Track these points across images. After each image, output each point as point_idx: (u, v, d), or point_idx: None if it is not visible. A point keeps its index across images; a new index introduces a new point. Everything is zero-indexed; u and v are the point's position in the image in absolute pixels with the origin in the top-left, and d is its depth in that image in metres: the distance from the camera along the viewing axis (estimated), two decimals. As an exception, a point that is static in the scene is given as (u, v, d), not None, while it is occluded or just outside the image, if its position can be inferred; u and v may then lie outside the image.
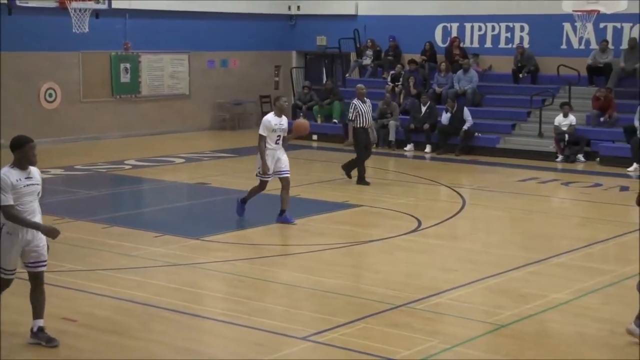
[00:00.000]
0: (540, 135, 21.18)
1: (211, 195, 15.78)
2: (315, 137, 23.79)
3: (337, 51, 26.39)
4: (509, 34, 24.24)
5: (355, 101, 16.44)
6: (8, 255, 7.44)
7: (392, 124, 22.38)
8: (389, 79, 24.37)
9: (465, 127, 21.30)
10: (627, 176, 18.33)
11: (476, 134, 21.61)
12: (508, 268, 10.54)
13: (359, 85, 17.17)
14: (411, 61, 24.06)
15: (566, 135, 20.21)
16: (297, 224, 12.55)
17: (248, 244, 11.87)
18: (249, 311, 8.72)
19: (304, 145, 22.06)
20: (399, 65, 24.28)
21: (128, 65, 24.01)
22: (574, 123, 20.34)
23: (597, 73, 22.19)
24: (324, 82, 26.45)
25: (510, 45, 24.01)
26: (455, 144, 21.38)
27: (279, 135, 12.72)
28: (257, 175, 12.88)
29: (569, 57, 22.46)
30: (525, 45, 23.58)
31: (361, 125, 16.37)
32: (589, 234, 12.72)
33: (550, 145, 20.55)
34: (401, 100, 23.52)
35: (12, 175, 7.38)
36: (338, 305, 9.02)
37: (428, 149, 21.79)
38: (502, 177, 18.03)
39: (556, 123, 20.45)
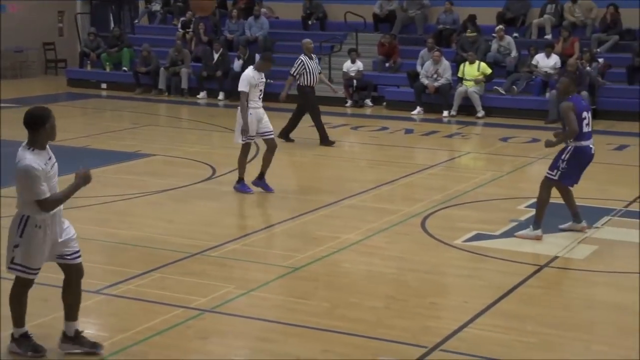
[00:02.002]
0: (330, 81, 21.53)
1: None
2: (104, 85, 23.14)
3: (125, -3, 25.70)
4: (297, -19, 24.39)
5: (302, 57, 15.46)
6: (39, 253, 6.13)
7: (184, 71, 22.11)
8: (179, 25, 23.98)
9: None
10: (412, 119, 19.08)
11: (269, 80, 21.67)
12: (302, 212, 10.72)
13: (306, 39, 15.91)
14: (201, 7, 23.74)
15: (354, 81, 20.73)
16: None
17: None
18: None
19: (92, 95, 21.37)
20: (189, 12, 23.93)
21: None
22: (361, 69, 20.87)
23: (382, 20, 22.84)
24: (112, 28, 25.66)
25: (299, -8, 24.17)
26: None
27: (261, 90, 11.54)
28: (242, 140, 11.47)
29: (356, 4, 22.90)
30: (314, -8, 23.82)
31: (308, 83, 15.40)
32: (377, 176, 13.13)
33: (339, 91, 20.98)
34: (192, 47, 23.23)
35: (38, 160, 5.99)
36: (132, 256, 8.86)
37: (221, 96, 21.70)
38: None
39: (345, 69, 20.91)
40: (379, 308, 7.48)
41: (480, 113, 19.07)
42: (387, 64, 21.48)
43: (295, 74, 15.48)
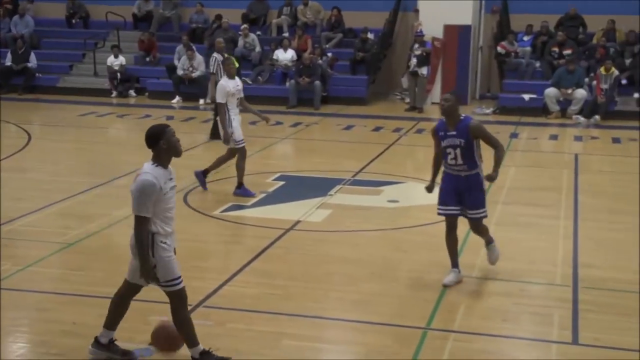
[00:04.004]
0: (96, 74, 20.93)
1: None
2: None
3: None
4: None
5: (216, 54, 14.15)
6: (175, 262, 5.37)
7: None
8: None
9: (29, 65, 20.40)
10: (172, 107, 18.89)
11: (37, 74, 20.67)
12: (75, 192, 10.36)
13: (218, 39, 14.94)
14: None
15: (118, 74, 20.25)
16: None
17: None
18: None
19: None
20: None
21: None
22: (124, 63, 20.41)
23: (140, 20, 22.43)
24: None
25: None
26: (17, 84, 20.28)
27: (238, 98, 10.38)
28: (235, 146, 10.30)
29: (117, 5, 22.30)
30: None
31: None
32: (143, 158, 12.80)
33: (105, 83, 20.41)
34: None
35: (159, 176, 5.20)
36: None
37: (-9, 89, 20.38)
38: (65, 113, 17.54)
39: (109, 63, 20.36)
40: (148, 274, 7.40)
41: (231, 101, 19.22)
42: (147, 59, 21.11)
43: (214, 72, 14.16)
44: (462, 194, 6.96)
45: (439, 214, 7.10)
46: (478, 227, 7.15)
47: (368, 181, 11.38)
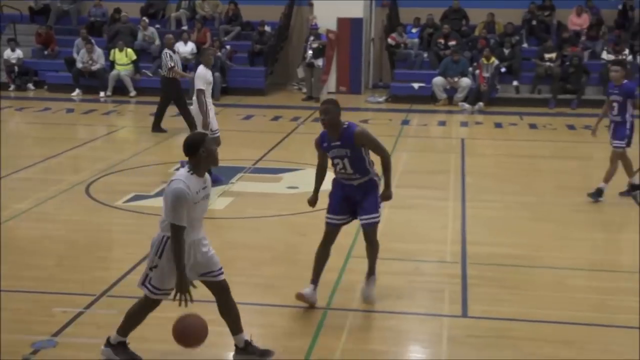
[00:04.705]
0: (-7, 68, 20.09)
1: None
2: None
3: None
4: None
5: (168, 50, 13.67)
6: (174, 275, 4.95)
7: None
8: None
9: None
10: (72, 100, 18.29)
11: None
12: (-28, 187, 9.91)
13: (168, 35, 14.52)
14: None
15: (16, 67, 19.47)
16: None
17: None
18: None
19: None
20: None
21: None
22: (21, 56, 19.63)
23: (37, 13, 21.60)
24: None
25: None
26: None
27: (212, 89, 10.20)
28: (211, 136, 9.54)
29: (11, -1, 21.47)
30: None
31: (173, 75, 13.68)
32: (43, 151, 12.42)
33: (2, 77, 19.60)
34: None
35: (192, 185, 4.88)
36: None
37: None
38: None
39: (5, 57, 19.56)
40: (51, 266, 7.17)
41: (132, 93, 18.79)
42: (45, 52, 20.35)
43: (172, 67, 13.66)
44: (354, 201, 6.25)
45: (327, 222, 6.33)
46: (371, 236, 6.26)
47: (268, 169, 11.34)
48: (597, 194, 9.65)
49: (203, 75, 9.90)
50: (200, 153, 4.95)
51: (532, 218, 9.03)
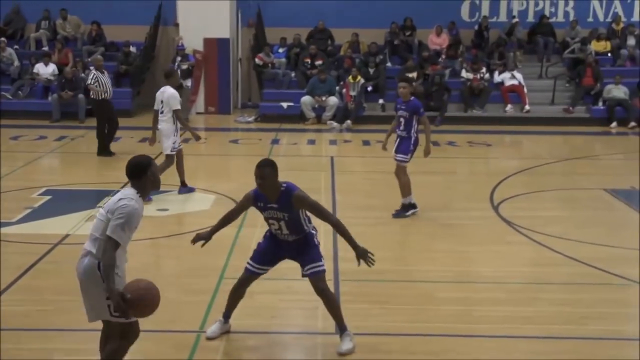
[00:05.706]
0: None
1: None
2: None
3: None
4: None
5: (96, 72, 13.39)
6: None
7: None
8: None
9: None
10: None
11: None
12: None
13: (98, 57, 15.12)
14: None
15: None
16: None
17: None
18: None
19: None
20: None
21: None
22: None
23: None
24: None
25: None
26: None
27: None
28: (171, 151, 10.93)
29: None
30: None
31: (105, 97, 13.74)
32: None
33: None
34: None
35: (140, 207, 4.78)
36: None
37: None
38: None
39: None
40: None
41: (-9, 116, 17.97)
42: None
43: (97, 87, 13.64)
44: (289, 255, 6.02)
45: (247, 268, 6.07)
46: (321, 284, 5.95)
47: (137, 192, 11.07)
48: (404, 210, 9.85)
49: (176, 96, 10.77)
50: (148, 176, 4.88)
51: (401, 232, 9.27)
